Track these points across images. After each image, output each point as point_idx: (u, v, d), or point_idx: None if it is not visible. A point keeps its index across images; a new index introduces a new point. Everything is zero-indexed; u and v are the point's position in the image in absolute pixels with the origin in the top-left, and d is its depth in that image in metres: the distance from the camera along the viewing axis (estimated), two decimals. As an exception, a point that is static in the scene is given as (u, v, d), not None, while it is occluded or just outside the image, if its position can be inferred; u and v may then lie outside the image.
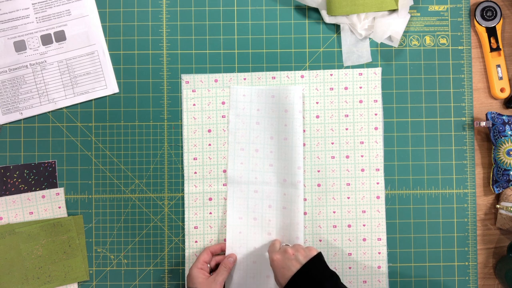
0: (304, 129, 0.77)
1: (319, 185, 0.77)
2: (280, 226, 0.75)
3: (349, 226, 0.76)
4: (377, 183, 0.77)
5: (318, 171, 0.77)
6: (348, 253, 0.76)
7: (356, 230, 0.76)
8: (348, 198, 0.77)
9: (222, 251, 0.75)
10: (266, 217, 0.75)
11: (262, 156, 0.76)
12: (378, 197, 0.77)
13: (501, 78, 0.77)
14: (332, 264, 0.76)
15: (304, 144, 0.77)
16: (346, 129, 0.77)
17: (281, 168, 0.75)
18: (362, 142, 0.77)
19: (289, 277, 0.62)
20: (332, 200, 0.77)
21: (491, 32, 0.77)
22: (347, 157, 0.77)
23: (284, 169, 0.75)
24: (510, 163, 0.73)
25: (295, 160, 0.75)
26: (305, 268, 0.63)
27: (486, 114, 0.75)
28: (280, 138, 0.75)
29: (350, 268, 0.76)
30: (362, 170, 0.77)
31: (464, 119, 0.78)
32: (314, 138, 0.77)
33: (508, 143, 0.73)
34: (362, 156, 0.77)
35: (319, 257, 0.65)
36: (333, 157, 0.77)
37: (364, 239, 0.76)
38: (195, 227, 0.76)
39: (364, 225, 0.76)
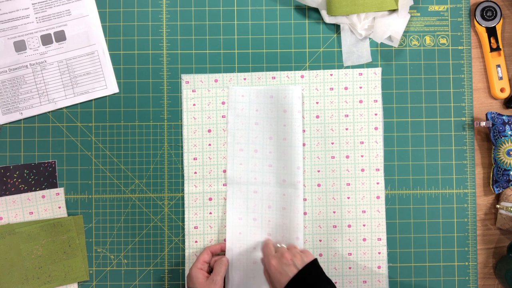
0: (304, 129, 0.77)
1: (319, 185, 0.77)
2: (280, 227, 0.75)
3: (349, 226, 0.76)
4: (377, 183, 0.77)
5: (318, 171, 0.77)
6: (348, 253, 0.76)
7: (356, 230, 0.76)
8: (348, 198, 0.77)
9: (222, 251, 0.75)
10: (265, 217, 0.75)
11: (261, 156, 0.76)
12: (378, 197, 0.77)
13: (501, 78, 0.77)
14: (332, 264, 0.76)
15: (304, 144, 0.77)
16: (346, 129, 0.77)
17: (280, 169, 0.75)
18: (362, 142, 0.77)
19: (285, 282, 0.63)
20: (332, 200, 0.77)
21: (491, 32, 0.77)
22: (347, 157, 0.77)
23: (284, 170, 0.75)
24: (510, 163, 0.73)
25: (294, 160, 0.75)
26: (301, 273, 0.63)
27: (486, 114, 0.75)
28: (279, 138, 0.75)
29: (350, 268, 0.76)
30: (362, 170, 0.77)
31: (464, 119, 0.78)
32: (314, 138, 0.77)
33: (508, 143, 0.73)
34: (362, 156, 0.77)
35: (315, 263, 0.65)
36: (333, 157, 0.77)
37: (364, 239, 0.76)
38: (195, 227, 0.76)
39: (364, 225, 0.76)
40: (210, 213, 0.76)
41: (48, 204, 0.76)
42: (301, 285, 0.62)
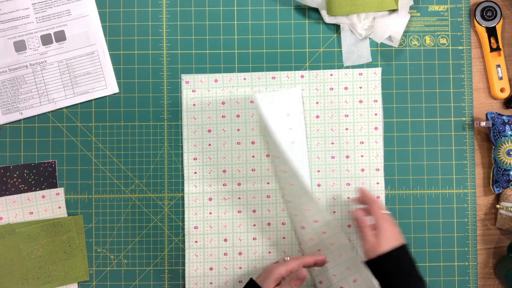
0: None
1: (319, 185, 0.77)
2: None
3: (349, 226, 0.76)
4: (377, 183, 0.77)
5: (318, 171, 0.77)
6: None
7: (357, 230, 0.76)
8: (348, 198, 0.77)
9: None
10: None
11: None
12: (378, 197, 0.77)
13: (501, 78, 0.77)
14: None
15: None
16: (346, 129, 0.77)
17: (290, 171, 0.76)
18: (362, 142, 0.77)
19: (392, 247, 0.63)
20: (332, 200, 0.77)
21: (491, 32, 0.77)
22: (347, 157, 0.77)
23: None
24: (510, 163, 0.73)
25: (303, 162, 0.75)
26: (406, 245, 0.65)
27: (486, 114, 0.75)
28: (287, 143, 0.76)
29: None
30: (362, 170, 0.77)
31: (464, 119, 0.78)
32: (314, 138, 0.77)
33: (508, 143, 0.73)
34: (362, 156, 0.77)
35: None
36: (333, 157, 0.77)
37: (364, 239, 0.76)
38: (195, 227, 0.76)
39: (364, 225, 0.76)
40: (210, 213, 0.76)
41: (48, 204, 0.76)
42: (407, 254, 0.64)
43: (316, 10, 0.78)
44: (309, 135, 0.77)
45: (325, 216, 0.69)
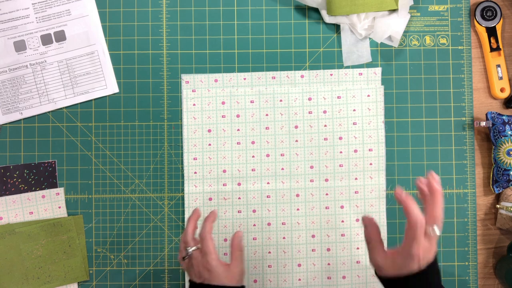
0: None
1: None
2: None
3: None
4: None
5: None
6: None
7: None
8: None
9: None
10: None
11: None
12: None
13: (501, 78, 0.77)
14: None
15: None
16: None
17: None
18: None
19: (427, 263, 0.56)
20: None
21: (491, 32, 0.77)
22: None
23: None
24: (510, 163, 0.73)
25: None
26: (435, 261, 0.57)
27: (486, 114, 0.75)
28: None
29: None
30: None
31: (464, 119, 0.78)
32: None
33: (508, 143, 0.73)
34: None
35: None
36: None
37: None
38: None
39: (364, 225, 0.76)
40: (210, 213, 0.76)
41: (48, 204, 0.76)
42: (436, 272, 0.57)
43: (316, 10, 0.78)
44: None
45: None
